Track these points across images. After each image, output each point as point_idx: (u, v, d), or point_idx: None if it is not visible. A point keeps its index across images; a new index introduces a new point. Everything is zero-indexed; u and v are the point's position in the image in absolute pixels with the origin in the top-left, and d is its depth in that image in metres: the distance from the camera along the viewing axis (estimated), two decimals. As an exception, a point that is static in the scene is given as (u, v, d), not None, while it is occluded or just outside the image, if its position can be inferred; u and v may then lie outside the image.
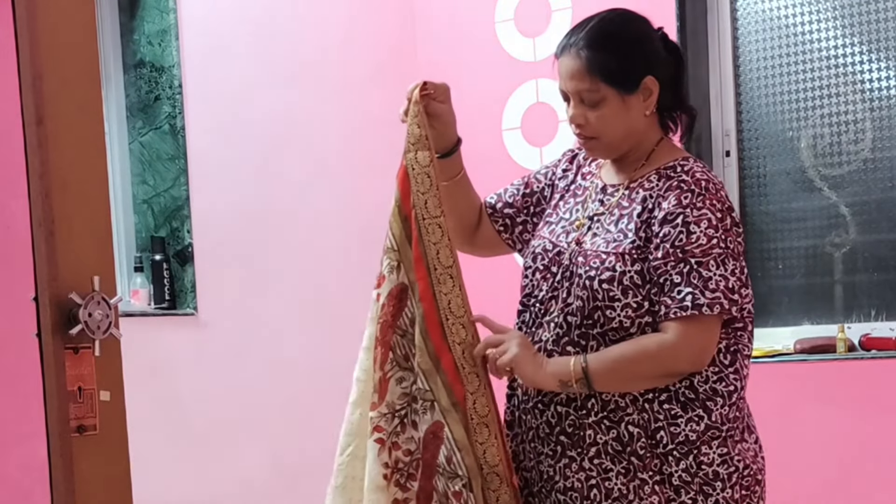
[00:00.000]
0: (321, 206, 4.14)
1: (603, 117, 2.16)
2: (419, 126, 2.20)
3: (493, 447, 2.16)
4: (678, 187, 2.13)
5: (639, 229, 2.14)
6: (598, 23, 2.20)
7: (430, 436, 2.15)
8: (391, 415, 2.17)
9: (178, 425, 3.68)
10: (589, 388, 2.11)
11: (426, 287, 2.16)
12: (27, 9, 1.63)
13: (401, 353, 2.18)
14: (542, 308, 2.23)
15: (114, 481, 1.71)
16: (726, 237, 2.10)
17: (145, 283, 3.74)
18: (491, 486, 2.16)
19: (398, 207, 2.21)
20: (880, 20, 3.71)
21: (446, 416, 2.14)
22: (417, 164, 2.19)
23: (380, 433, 2.16)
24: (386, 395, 2.17)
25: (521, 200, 2.41)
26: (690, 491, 2.11)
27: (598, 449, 2.14)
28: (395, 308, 2.19)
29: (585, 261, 2.16)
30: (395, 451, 2.16)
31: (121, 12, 3.85)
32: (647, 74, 2.17)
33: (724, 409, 2.13)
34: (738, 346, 2.16)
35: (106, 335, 1.66)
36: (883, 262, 3.75)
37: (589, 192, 2.29)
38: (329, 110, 4.20)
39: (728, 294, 2.08)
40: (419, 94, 2.22)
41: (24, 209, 1.63)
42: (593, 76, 2.14)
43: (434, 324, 2.16)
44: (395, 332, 2.18)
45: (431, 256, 2.17)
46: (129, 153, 3.86)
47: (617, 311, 2.12)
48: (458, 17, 4.40)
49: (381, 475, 2.15)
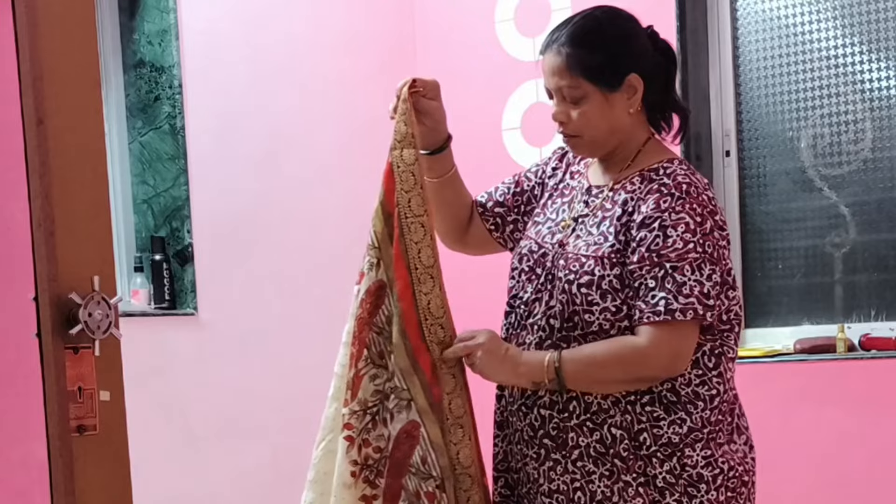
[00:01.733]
0: (321, 206, 4.14)
1: (585, 114, 2.15)
2: (406, 124, 2.19)
3: (467, 448, 2.15)
4: (658, 191, 2.11)
5: (618, 233, 2.12)
6: (581, 20, 2.18)
7: (403, 434, 2.14)
8: (363, 412, 2.14)
9: (178, 425, 3.68)
10: (561, 388, 2.10)
11: (405, 286, 2.15)
12: (27, 9, 1.63)
13: (375, 351, 2.16)
14: (526, 310, 2.21)
15: (114, 481, 1.71)
16: (704, 241, 2.07)
17: (145, 283, 3.74)
18: (462, 486, 2.16)
19: (381, 204, 2.19)
20: (880, 20, 3.71)
21: (423, 416, 2.13)
22: (403, 161, 2.17)
23: (349, 430, 2.14)
24: (359, 392, 2.15)
25: (511, 199, 2.40)
26: (675, 493, 2.10)
27: (581, 451, 2.13)
28: (371, 305, 2.17)
29: (566, 264, 2.15)
30: (366, 448, 2.14)
31: (121, 12, 3.85)
32: (631, 72, 2.14)
33: (706, 413, 2.11)
34: (722, 350, 2.15)
35: (106, 335, 1.66)
36: (883, 262, 3.75)
37: (575, 193, 2.27)
38: (329, 110, 4.20)
39: (702, 299, 2.05)
40: (408, 91, 2.21)
41: (24, 209, 1.63)
42: (574, 73, 2.13)
43: (413, 324, 2.14)
44: (372, 330, 2.16)
45: (412, 255, 2.15)
46: (129, 153, 3.86)
47: (596, 314, 2.11)
48: (458, 17, 4.40)
49: (349, 472, 2.13)
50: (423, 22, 4.48)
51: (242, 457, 3.82)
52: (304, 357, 4.01)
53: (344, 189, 4.21)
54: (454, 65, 4.36)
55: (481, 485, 2.18)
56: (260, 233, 3.95)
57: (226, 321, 3.83)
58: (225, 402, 3.80)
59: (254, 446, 3.86)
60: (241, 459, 3.82)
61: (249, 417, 3.85)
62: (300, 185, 4.08)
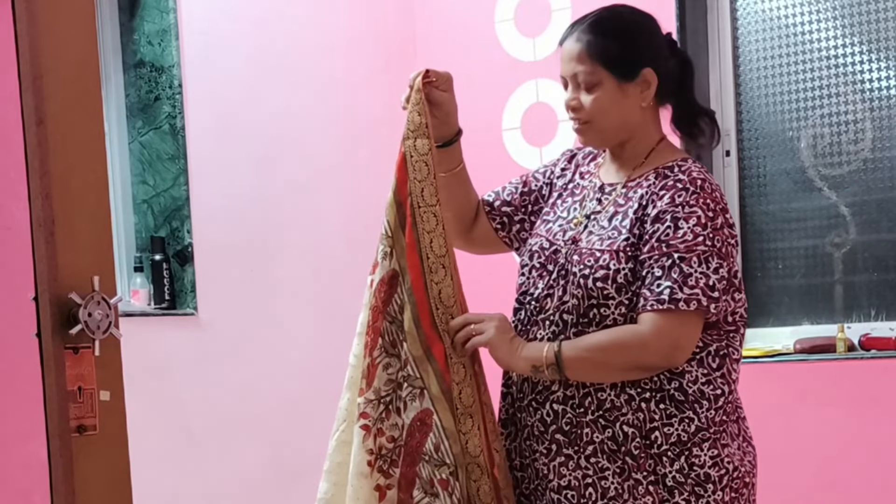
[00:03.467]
0: (321, 206, 4.14)
1: (598, 100, 2.17)
2: (419, 114, 2.21)
3: (476, 437, 2.15)
4: (673, 186, 2.13)
5: (633, 227, 2.14)
6: (603, 11, 2.24)
7: (416, 423, 2.15)
8: (377, 401, 2.16)
9: (178, 425, 3.68)
10: (560, 374, 2.12)
11: (418, 275, 2.16)
12: (27, 9, 1.63)
13: (388, 340, 2.18)
14: (537, 306, 2.23)
15: (114, 481, 1.71)
16: (714, 236, 2.09)
17: (145, 283, 3.74)
18: (472, 476, 2.16)
19: (394, 194, 2.20)
20: (880, 20, 3.71)
21: (436, 403, 2.14)
22: (416, 151, 2.19)
23: (365, 419, 2.16)
24: (374, 382, 2.16)
25: (519, 199, 2.41)
26: (683, 492, 2.11)
27: (594, 448, 2.14)
28: (385, 294, 2.18)
29: (580, 259, 2.17)
30: (380, 437, 2.15)
31: (121, 12, 3.85)
32: (647, 66, 2.18)
33: (710, 413, 2.13)
34: (727, 350, 2.16)
35: (106, 335, 1.66)
36: (883, 262, 3.75)
37: (587, 192, 2.29)
38: (329, 110, 4.20)
39: (707, 292, 2.07)
40: (421, 81, 2.23)
41: (25, 210, 1.63)
42: (592, 59, 2.17)
43: (425, 312, 2.16)
44: (385, 319, 2.18)
45: (424, 245, 2.17)
46: (129, 153, 3.86)
47: (611, 308, 2.13)
48: (458, 17, 4.40)
49: (365, 461, 2.15)
50: (423, 22, 4.48)
51: (242, 457, 3.82)
52: (304, 357, 4.01)
53: (344, 189, 4.21)
54: (454, 65, 4.32)
55: (490, 475, 2.18)
56: (260, 233, 3.95)
57: (226, 321, 3.83)
58: (225, 402, 3.80)
59: (254, 446, 3.86)
60: (241, 459, 3.82)
61: (249, 417, 3.85)
62: (300, 184, 4.08)
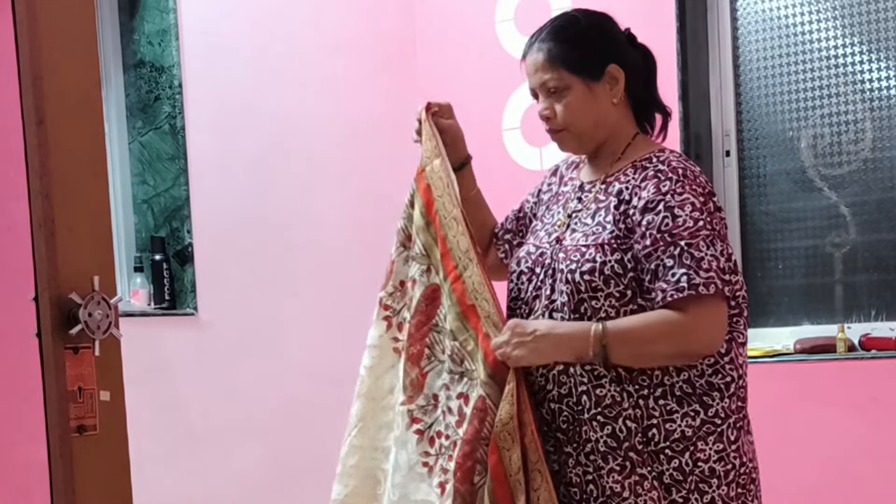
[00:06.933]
0: (321, 206, 4.14)
1: (569, 106, 2.21)
2: (430, 139, 2.32)
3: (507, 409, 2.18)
4: (655, 176, 2.14)
5: (617, 221, 2.15)
6: (558, 19, 2.30)
7: (475, 411, 2.19)
8: (433, 406, 2.27)
9: (178, 425, 3.68)
10: (604, 361, 2.11)
11: (456, 277, 2.25)
12: (27, 9, 1.63)
13: (439, 349, 2.28)
14: (526, 308, 2.25)
15: (114, 481, 1.71)
16: (711, 219, 2.10)
17: (145, 283, 3.74)
18: (504, 444, 2.16)
19: (423, 216, 2.31)
20: (880, 20, 3.71)
21: (485, 387, 2.18)
22: (434, 172, 2.31)
23: (418, 424, 2.28)
24: (423, 389, 2.28)
25: (516, 224, 2.48)
26: (683, 489, 2.11)
27: (592, 445, 2.15)
28: (428, 307, 2.29)
29: (566, 256, 2.18)
30: (439, 438, 2.25)
31: (121, 12, 3.85)
32: (611, 62, 2.21)
33: (725, 402, 2.13)
34: (732, 335, 2.16)
35: (106, 335, 1.66)
36: (883, 262, 3.75)
37: (569, 194, 2.31)
38: (329, 110, 4.20)
39: (720, 274, 2.07)
40: (425, 113, 2.34)
41: (25, 210, 1.63)
42: (556, 65, 2.21)
43: (470, 310, 2.22)
44: (432, 330, 2.28)
45: (453, 247, 2.25)
46: (129, 153, 3.86)
47: (601, 300, 2.13)
48: (458, 17, 4.40)
49: (420, 463, 2.25)
50: (423, 22, 4.48)
51: (242, 457, 3.82)
52: (304, 357, 4.01)
53: (344, 189, 4.21)
54: (454, 65, 4.36)
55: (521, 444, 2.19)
56: (260, 233, 3.95)
57: (226, 321, 3.83)
58: (225, 402, 3.80)
59: (254, 446, 3.86)
60: (241, 459, 3.82)
61: (249, 417, 3.85)
62: (300, 184, 4.08)
